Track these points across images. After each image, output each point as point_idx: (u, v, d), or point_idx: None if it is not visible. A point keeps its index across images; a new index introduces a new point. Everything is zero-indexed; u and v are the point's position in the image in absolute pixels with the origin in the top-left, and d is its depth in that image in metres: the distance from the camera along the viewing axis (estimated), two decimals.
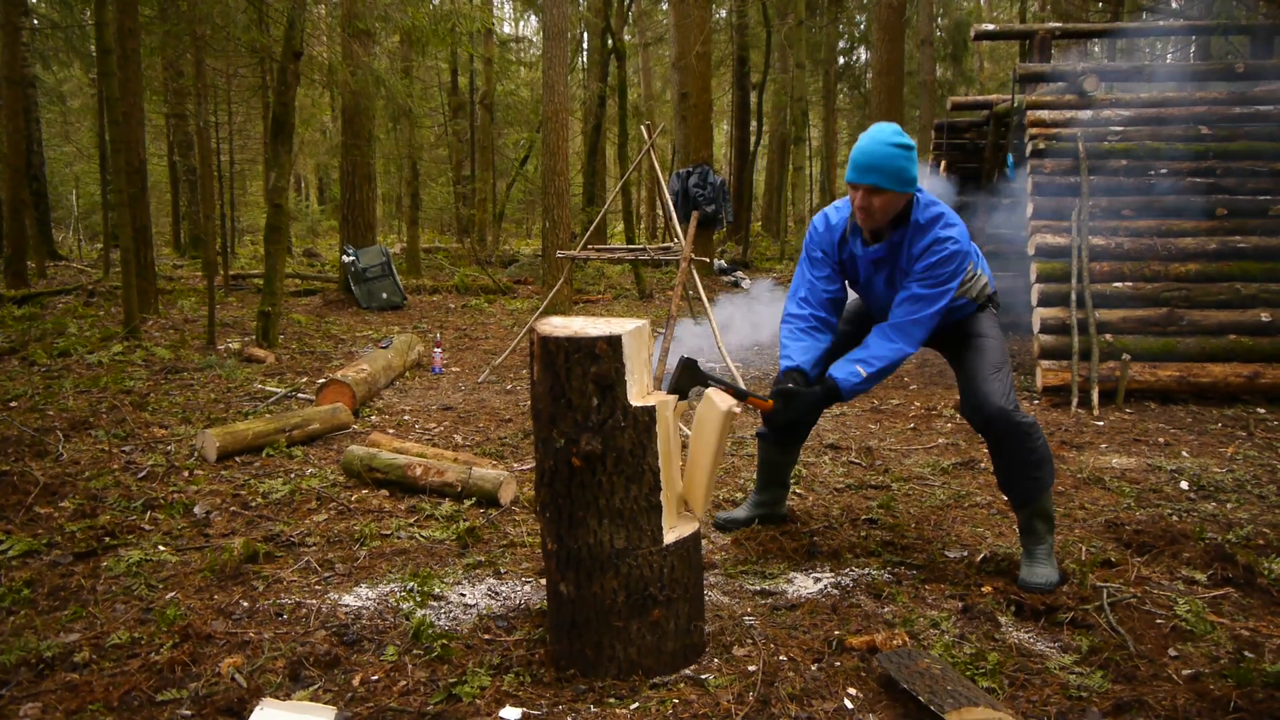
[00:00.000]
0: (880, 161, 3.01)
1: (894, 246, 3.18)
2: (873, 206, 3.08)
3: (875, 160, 3.01)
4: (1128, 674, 2.52)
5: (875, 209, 3.09)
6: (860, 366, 3.17)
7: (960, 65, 21.58)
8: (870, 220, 3.13)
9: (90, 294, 11.22)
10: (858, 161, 3.04)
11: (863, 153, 3.04)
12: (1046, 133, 7.40)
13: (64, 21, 15.38)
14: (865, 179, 3.03)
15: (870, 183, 3.03)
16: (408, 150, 17.48)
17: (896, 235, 3.17)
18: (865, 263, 3.28)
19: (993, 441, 3.18)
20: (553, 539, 2.50)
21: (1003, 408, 3.10)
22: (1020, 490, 3.16)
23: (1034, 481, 3.14)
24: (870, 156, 3.02)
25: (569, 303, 11.17)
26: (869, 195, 3.06)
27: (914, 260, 3.16)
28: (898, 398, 6.59)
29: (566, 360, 2.37)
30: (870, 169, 3.02)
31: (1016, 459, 3.13)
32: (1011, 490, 3.20)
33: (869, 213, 3.10)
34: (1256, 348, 6.21)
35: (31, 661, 2.57)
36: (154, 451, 4.81)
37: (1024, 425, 3.11)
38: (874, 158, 3.01)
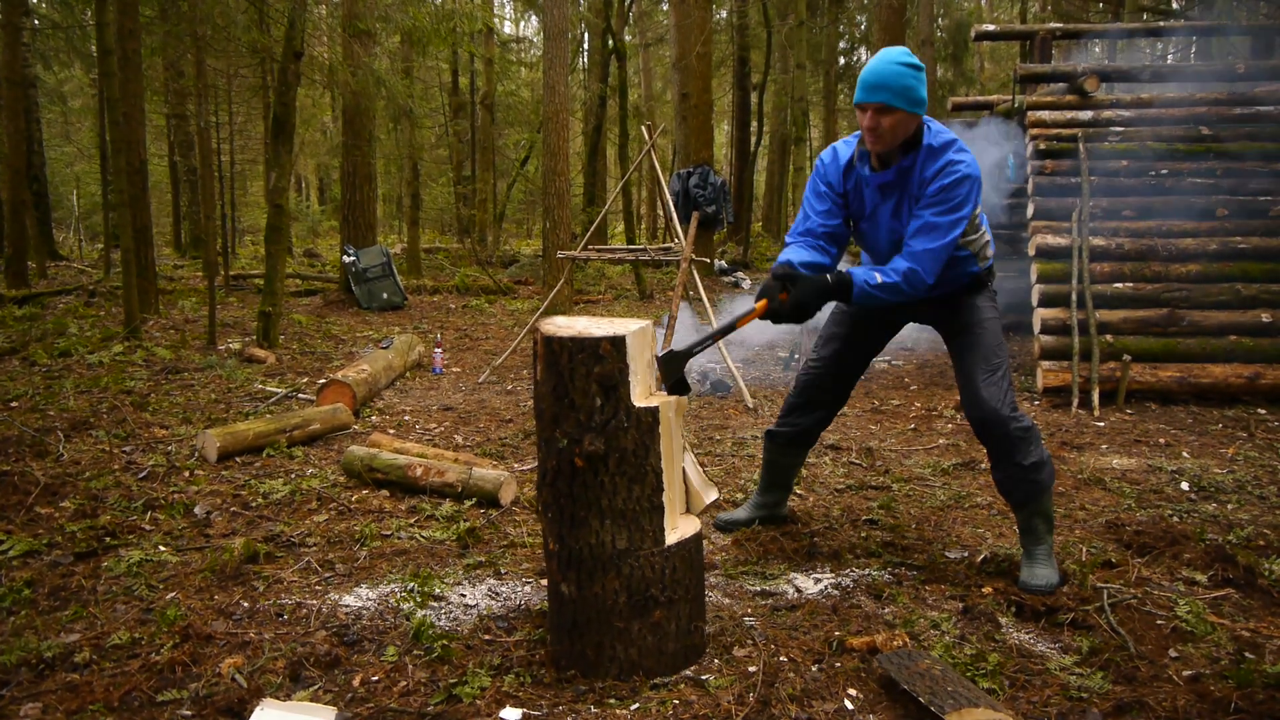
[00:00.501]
0: (888, 79, 2.93)
1: (904, 171, 3.08)
2: (882, 127, 2.98)
3: (884, 78, 2.94)
4: (1128, 675, 2.51)
5: (884, 129, 2.98)
6: (878, 273, 3.07)
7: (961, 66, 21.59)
8: (879, 142, 3.02)
9: (91, 294, 11.23)
10: (866, 80, 2.96)
11: (871, 72, 2.96)
12: (1047, 133, 7.41)
13: (65, 22, 15.38)
14: (874, 97, 2.94)
15: (879, 100, 2.94)
16: (408, 150, 17.49)
17: (907, 160, 3.07)
18: (872, 190, 3.17)
19: (991, 445, 3.17)
20: (554, 539, 2.50)
21: (1001, 413, 3.08)
22: (1019, 492, 3.15)
23: (1033, 484, 3.13)
24: (879, 75, 2.94)
25: (569, 303, 11.17)
26: (878, 115, 2.96)
27: (925, 184, 3.05)
28: (898, 398, 6.59)
29: (570, 360, 2.37)
30: (878, 87, 2.94)
31: (1014, 462, 3.12)
32: (1010, 492, 3.19)
33: (878, 134, 3.00)
34: (1257, 348, 6.20)
35: (32, 662, 2.57)
36: (154, 452, 4.81)
37: (1022, 429, 3.10)
38: (882, 76, 2.94)
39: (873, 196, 3.19)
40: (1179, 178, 7.03)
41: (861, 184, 3.20)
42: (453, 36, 11.74)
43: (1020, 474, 3.12)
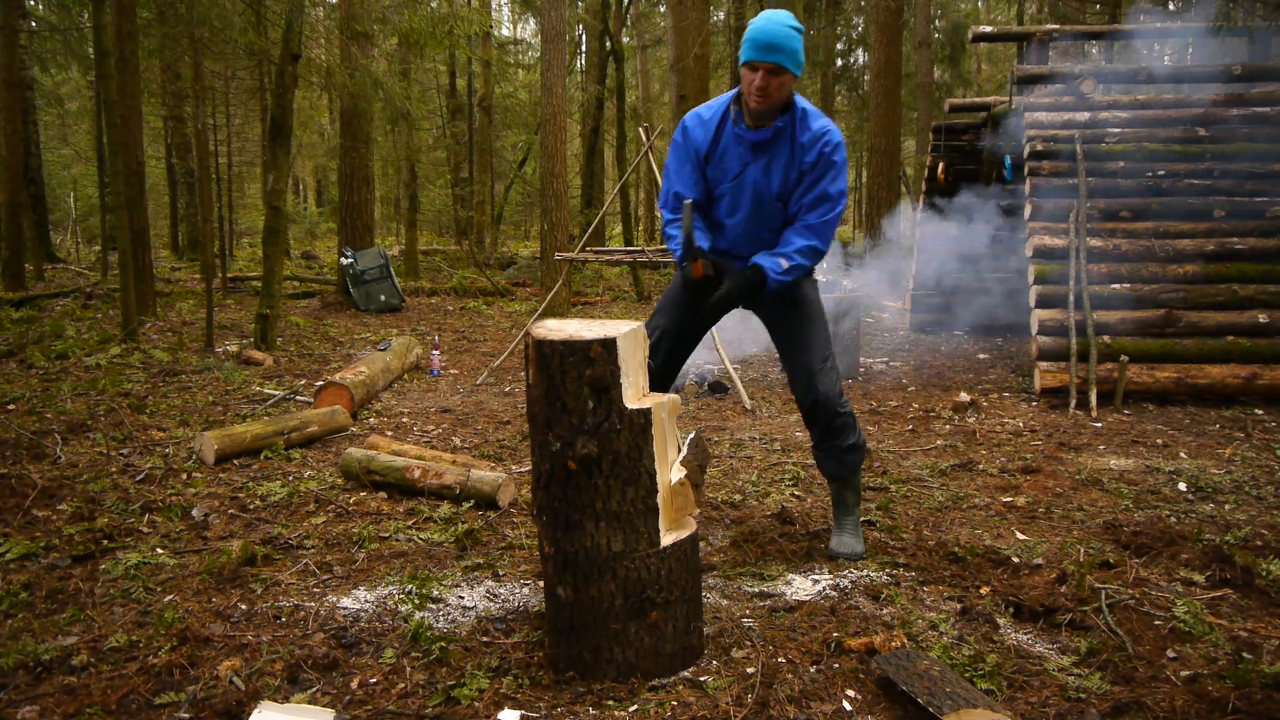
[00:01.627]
0: (783, 41, 2.99)
1: (779, 132, 3.16)
2: (771, 88, 3.05)
3: (779, 40, 2.99)
4: (1126, 675, 2.52)
5: (773, 89, 3.06)
6: (784, 260, 3.18)
7: (958, 67, 21.63)
8: (766, 101, 3.07)
9: (88, 296, 11.21)
10: (761, 41, 2.99)
11: (764, 33, 3.00)
12: (1044, 134, 7.41)
13: (62, 24, 15.37)
14: (770, 57, 3.00)
15: (774, 61, 3.00)
16: (406, 152, 17.47)
17: (782, 121, 3.15)
18: (745, 149, 3.22)
19: (819, 427, 3.40)
20: (550, 542, 2.50)
21: (834, 401, 3.33)
22: (838, 469, 3.44)
23: (849, 463, 3.43)
24: (774, 36, 2.99)
25: (567, 305, 11.18)
26: (770, 76, 3.03)
27: (805, 150, 3.15)
28: (896, 399, 6.59)
29: (561, 363, 2.37)
30: (774, 48, 2.99)
31: (836, 444, 3.39)
32: (829, 469, 3.46)
33: (767, 93, 3.05)
34: (1254, 349, 6.21)
35: (29, 664, 2.56)
36: (152, 454, 4.80)
37: (847, 415, 3.38)
38: (778, 37, 2.99)
39: (744, 155, 3.24)
40: (1176, 179, 7.04)
41: (732, 144, 3.25)
42: (450, 39, 11.73)
43: (840, 454, 3.40)
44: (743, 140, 3.21)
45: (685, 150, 3.31)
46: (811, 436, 3.49)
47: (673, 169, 3.35)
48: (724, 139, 3.26)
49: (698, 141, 3.28)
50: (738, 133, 3.21)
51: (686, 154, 3.31)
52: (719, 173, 3.31)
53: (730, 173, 3.28)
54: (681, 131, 3.32)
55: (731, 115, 3.23)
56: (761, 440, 5.33)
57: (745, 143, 3.21)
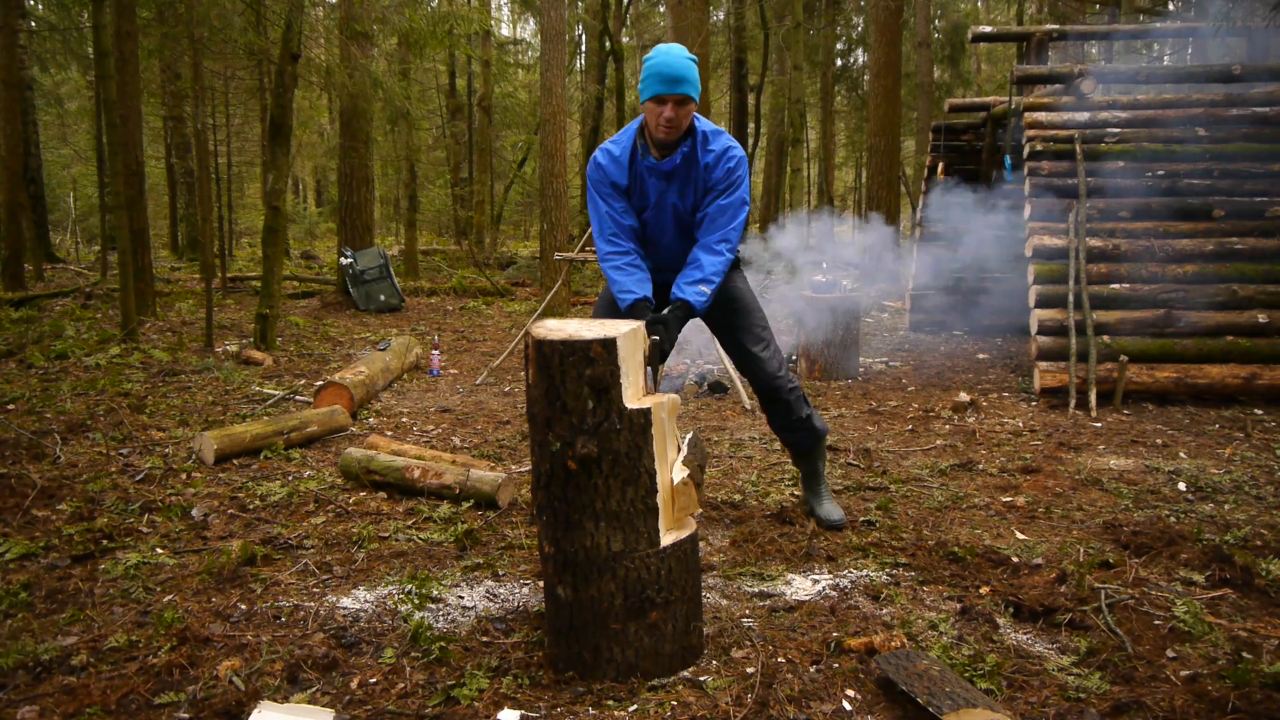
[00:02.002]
0: (686, 72, 3.17)
1: (686, 156, 3.35)
2: (678, 117, 3.23)
3: (683, 72, 3.16)
4: (1126, 675, 2.52)
5: (680, 119, 3.23)
6: (703, 286, 3.36)
7: (958, 67, 21.63)
8: (675, 131, 3.25)
9: (88, 296, 11.21)
10: (668, 74, 3.16)
11: (669, 66, 3.17)
12: (1044, 134, 7.41)
13: (61, 24, 15.37)
14: (678, 89, 3.16)
15: (682, 93, 3.16)
16: (405, 152, 17.47)
17: (686, 145, 3.33)
18: (657, 178, 3.40)
19: (775, 407, 3.70)
20: (550, 542, 2.50)
21: (781, 379, 3.64)
22: (804, 442, 3.77)
23: (812, 431, 3.75)
24: (678, 69, 3.16)
25: (567, 305, 11.18)
26: (677, 106, 3.20)
27: (710, 170, 3.36)
28: (895, 399, 6.59)
29: (561, 363, 2.37)
30: (681, 80, 3.16)
31: (795, 418, 3.69)
32: (797, 444, 3.80)
33: (675, 124, 3.23)
34: (1254, 349, 6.21)
35: (29, 664, 2.56)
36: (152, 454, 4.80)
37: (797, 390, 3.68)
38: (681, 70, 3.16)
39: (657, 185, 3.42)
40: (1175, 179, 7.04)
41: (645, 175, 3.41)
42: (450, 39, 11.73)
43: (802, 425, 3.72)
44: (654, 171, 3.39)
45: (605, 184, 3.45)
46: (772, 420, 3.78)
47: (599, 201, 3.48)
48: (638, 171, 3.43)
49: (615, 176, 3.44)
50: (648, 165, 3.39)
51: (608, 186, 3.46)
52: (640, 201, 3.50)
53: (650, 201, 3.48)
54: (596, 168, 3.46)
55: (639, 149, 3.40)
56: (761, 440, 5.33)
57: (657, 173, 3.39)
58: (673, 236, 3.54)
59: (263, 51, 10.22)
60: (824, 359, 7.35)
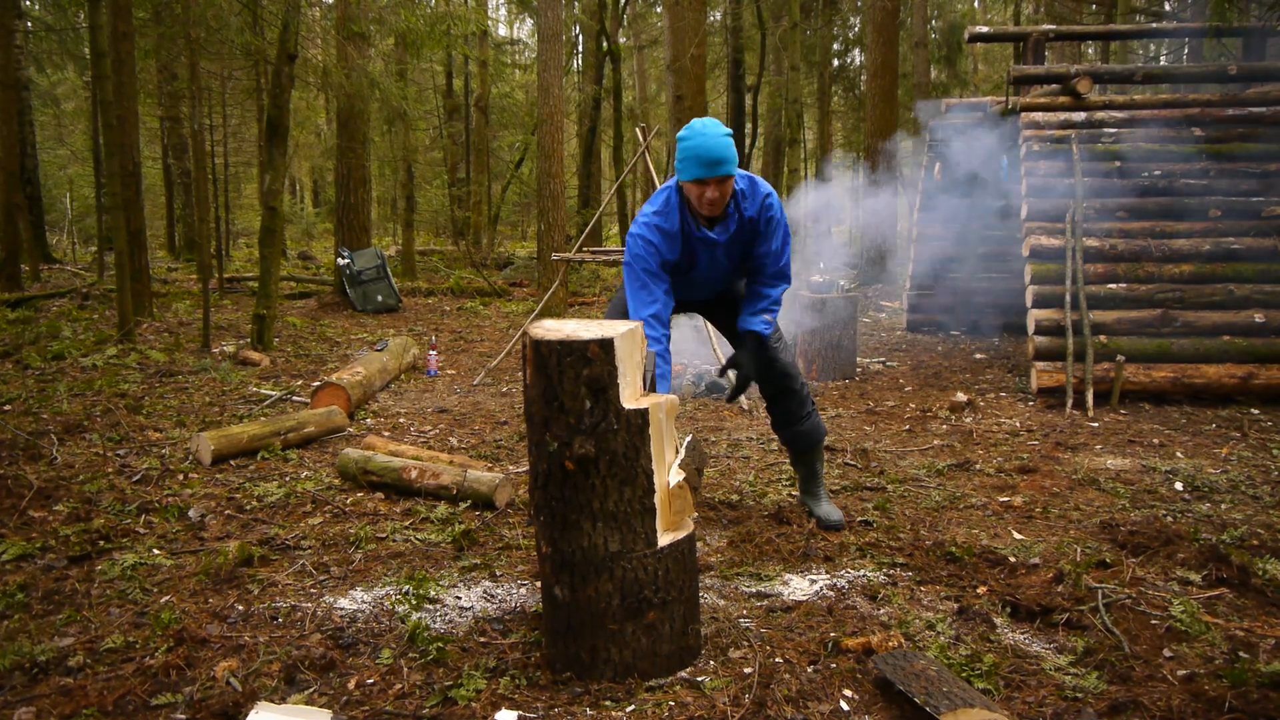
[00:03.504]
0: (725, 152, 3.22)
1: (731, 218, 3.45)
2: (722, 195, 3.30)
3: (721, 152, 3.21)
4: (1123, 675, 2.52)
5: (724, 196, 3.31)
6: (766, 315, 3.62)
7: (954, 67, 21.63)
8: (720, 207, 3.34)
9: (85, 297, 11.20)
10: (708, 157, 3.21)
11: (708, 150, 3.21)
12: (1041, 134, 7.42)
13: (58, 24, 15.35)
14: (720, 171, 3.22)
15: (725, 174, 3.23)
16: (403, 153, 17.46)
17: (731, 208, 3.43)
18: (710, 247, 3.48)
19: (783, 405, 3.81)
20: (547, 542, 2.50)
21: (791, 377, 3.75)
22: (806, 440, 3.85)
23: (816, 429, 3.84)
24: (718, 150, 3.21)
25: (564, 305, 11.18)
26: (720, 185, 3.26)
27: (755, 221, 3.48)
28: (893, 399, 6.60)
29: (559, 363, 2.37)
30: (723, 161, 3.22)
31: (801, 416, 3.80)
32: (796, 443, 3.88)
33: (720, 201, 3.32)
34: (1250, 349, 6.22)
35: (26, 666, 2.56)
36: (149, 455, 4.79)
37: (806, 389, 3.80)
38: (720, 150, 3.21)
39: (706, 251, 3.51)
40: (1172, 179, 7.05)
41: (697, 246, 3.49)
42: (447, 39, 11.72)
43: (807, 424, 3.82)
44: (707, 242, 3.47)
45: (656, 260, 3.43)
46: (776, 419, 3.88)
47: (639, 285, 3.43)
48: (689, 242, 3.48)
49: (667, 253, 3.45)
50: (701, 237, 3.45)
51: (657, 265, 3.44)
52: (688, 263, 3.57)
53: (699, 263, 3.56)
54: (647, 244, 3.41)
55: (689, 222, 3.44)
56: (759, 440, 5.33)
57: (710, 243, 3.47)
58: (717, 281, 3.70)
59: (259, 52, 10.22)
60: (821, 359, 7.35)
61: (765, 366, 3.74)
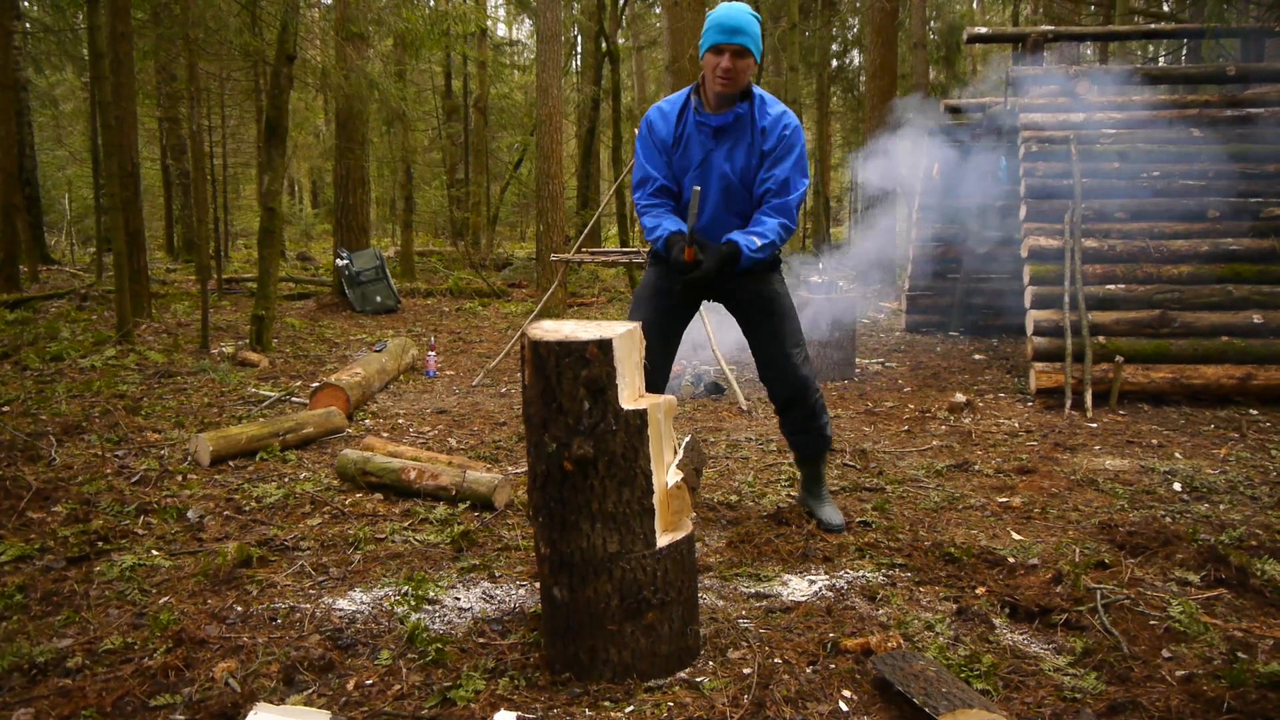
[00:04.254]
0: (748, 26, 3.11)
1: (740, 117, 3.29)
2: (736, 69, 3.16)
3: (744, 24, 3.11)
4: (1122, 675, 2.52)
5: (738, 71, 3.17)
6: (757, 238, 3.31)
7: (953, 68, 21.64)
8: (732, 84, 3.18)
9: (83, 298, 11.19)
10: (727, 24, 3.10)
11: (730, 17, 3.11)
12: (1039, 135, 7.43)
13: (56, 25, 15.33)
14: (737, 39, 3.11)
15: (740, 43, 3.12)
16: (402, 153, 17.46)
17: (742, 106, 3.27)
18: (707, 135, 3.33)
19: (796, 414, 3.66)
20: (546, 543, 2.50)
21: (811, 388, 3.60)
22: (814, 448, 3.76)
23: (825, 440, 3.75)
24: (740, 21, 3.11)
25: (563, 306, 11.18)
26: (735, 58, 3.14)
27: (766, 134, 3.29)
28: (892, 400, 6.60)
29: (557, 364, 2.37)
30: (741, 30, 3.11)
31: (814, 426, 3.68)
32: (805, 449, 3.77)
33: (732, 76, 3.18)
34: (1249, 349, 6.23)
35: (24, 667, 2.56)
36: (147, 456, 4.79)
37: (821, 399, 3.67)
38: (742, 22, 3.11)
39: (706, 143, 3.34)
40: (1170, 179, 7.05)
41: (694, 132, 3.34)
42: (446, 39, 11.74)
43: (817, 433, 3.71)
44: (704, 127, 3.31)
45: (651, 141, 3.41)
46: (786, 424, 3.75)
47: (643, 158, 3.46)
48: (686, 128, 3.36)
49: (662, 133, 3.38)
50: (699, 120, 3.32)
51: (653, 144, 3.41)
52: (684, 161, 3.41)
53: (694, 160, 3.39)
54: (646, 125, 3.43)
55: (693, 104, 3.34)
56: (758, 441, 5.34)
57: (707, 129, 3.32)
58: (714, 201, 3.44)
59: (258, 53, 10.21)
60: (820, 360, 7.35)
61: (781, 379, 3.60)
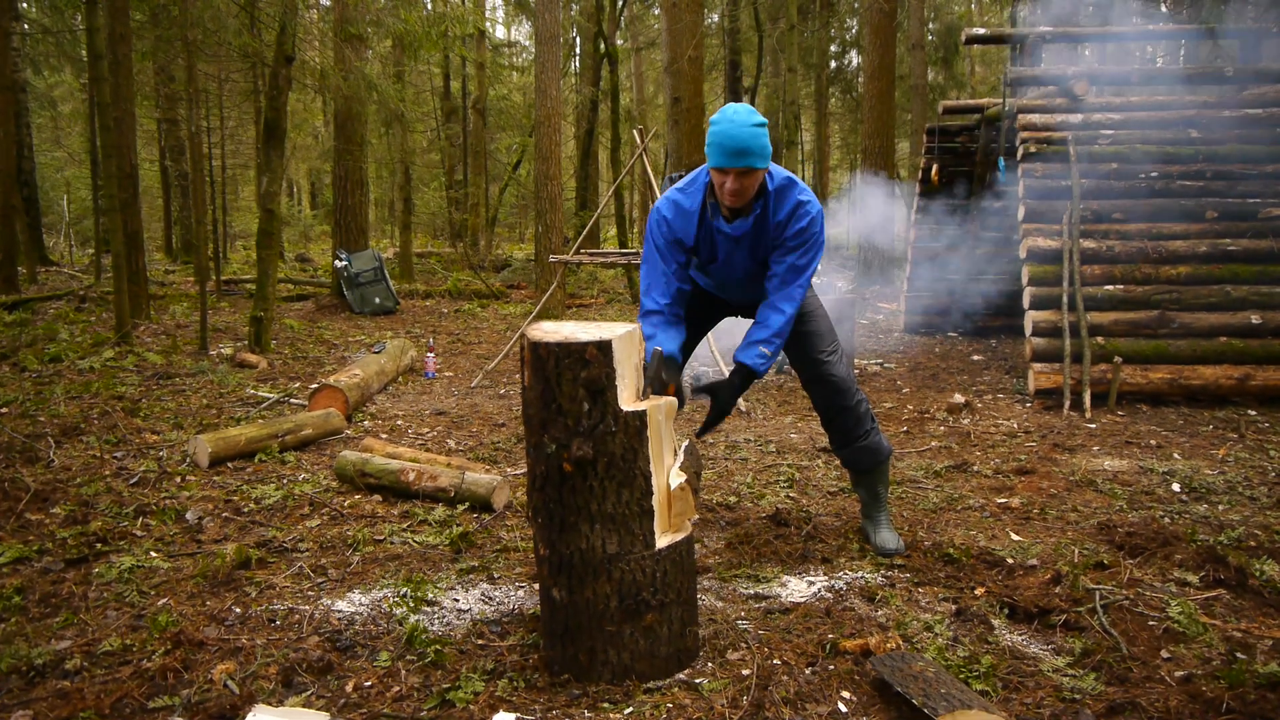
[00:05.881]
0: (749, 143, 3.05)
1: (759, 219, 3.26)
2: (743, 188, 3.13)
3: (745, 142, 3.05)
4: (1120, 676, 2.52)
5: (746, 189, 3.13)
6: (764, 347, 3.28)
7: (951, 69, 21.68)
8: (740, 200, 3.16)
9: (82, 299, 11.19)
10: (729, 147, 3.06)
11: (731, 138, 3.06)
12: (1037, 136, 7.43)
13: (55, 26, 15.34)
14: (740, 163, 3.05)
15: (745, 165, 3.06)
16: (400, 155, 17.46)
17: (758, 206, 3.23)
18: (727, 240, 3.31)
19: (838, 419, 3.51)
20: (545, 544, 2.50)
21: (850, 389, 3.47)
22: (867, 459, 3.56)
23: (877, 450, 3.55)
24: (741, 140, 3.05)
25: (562, 307, 11.18)
26: (741, 178, 3.10)
27: (782, 227, 3.25)
28: (890, 400, 6.60)
29: (557, 365, 2.37)
30: (744, 152, 3.05)
31: (859, 433, 3.51)
32: (858, 462, 3.58)
33: (740, 195, 3.14)
34: (1247, 350, 6.23)
35: (23, 669, 2.55)
36: (146, 457, 4.79)
37: (864, 404, 3.52)
38: (744, 140, 3.05)
39: (726, 245, 3.32)
40: (1168, 180, 7.05)
41: (714, 235, 3.32)
42: (444, 41, 11.73)
43: (867, 441, 3.52)
44: (724, 234, 3.30)
45: (671, 239, 3.34)
46: (833, 439, 3.59)
47: (658, 260, 3.35)
48: (705, 229, 3.34)
49: (680, 232, 3.33)
50: (717, 226, 3.29)
51: (671, 243, 3.34)
52: (708, 254, 3.40)
53: (718, 257, 3.39)
54: (662, 221, 3.34)
55: (709, 208, 3.30)
56: (756, 442, 5.34)
57: (727, 236, 3.30)
58: (741, 282, 3.49)
59: (257, 54, 10.22)
60: None
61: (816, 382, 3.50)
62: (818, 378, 3.48)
